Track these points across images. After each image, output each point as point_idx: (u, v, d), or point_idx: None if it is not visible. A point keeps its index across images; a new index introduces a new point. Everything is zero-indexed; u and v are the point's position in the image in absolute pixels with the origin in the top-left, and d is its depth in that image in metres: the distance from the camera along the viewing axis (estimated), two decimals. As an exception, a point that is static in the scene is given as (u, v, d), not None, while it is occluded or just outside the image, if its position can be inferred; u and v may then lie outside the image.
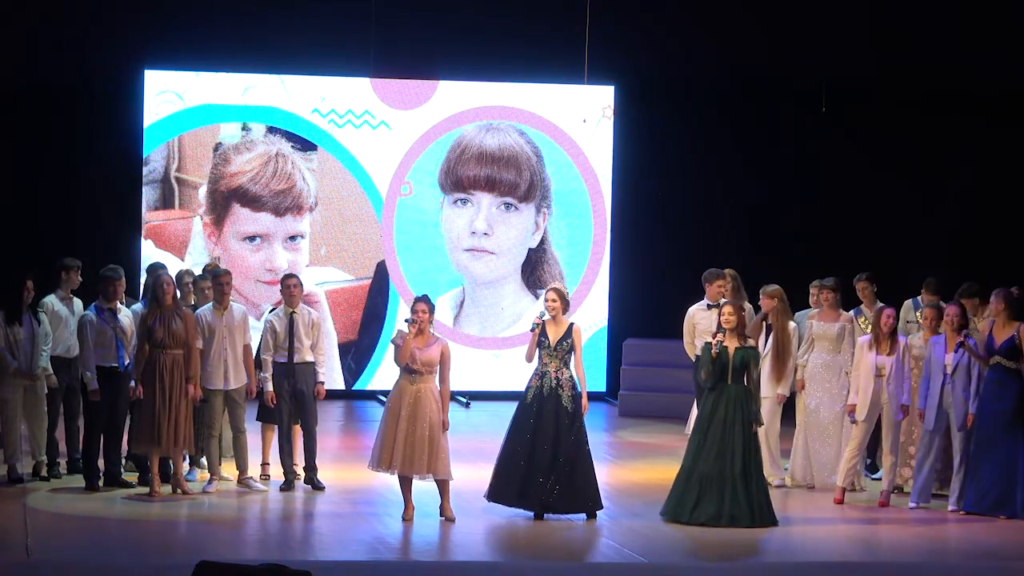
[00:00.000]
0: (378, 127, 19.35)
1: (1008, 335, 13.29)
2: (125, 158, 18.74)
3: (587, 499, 12.75)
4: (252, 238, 19.05)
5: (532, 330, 12.78)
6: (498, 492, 12.78)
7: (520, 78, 19.50)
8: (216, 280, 13.69)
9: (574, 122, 19.61)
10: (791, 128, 19.74)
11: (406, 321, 12.56)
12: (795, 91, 19.52)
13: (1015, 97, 19.48)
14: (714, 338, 12.81)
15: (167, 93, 18.87)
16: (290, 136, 19.12)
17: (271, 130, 19.09)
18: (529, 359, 12.85)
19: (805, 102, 19.36)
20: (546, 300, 12.85)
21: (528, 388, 12.83)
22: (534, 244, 19.63)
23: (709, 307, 14.58)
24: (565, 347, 12.74)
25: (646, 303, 19.63)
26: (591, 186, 19.78)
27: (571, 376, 12.77)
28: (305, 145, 19.17)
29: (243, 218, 19.05)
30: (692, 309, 14.65)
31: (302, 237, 19.20)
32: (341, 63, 19.08)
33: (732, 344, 12.77)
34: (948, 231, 19.55)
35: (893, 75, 19.62)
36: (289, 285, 13.71)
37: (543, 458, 12.63)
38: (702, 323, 14.54)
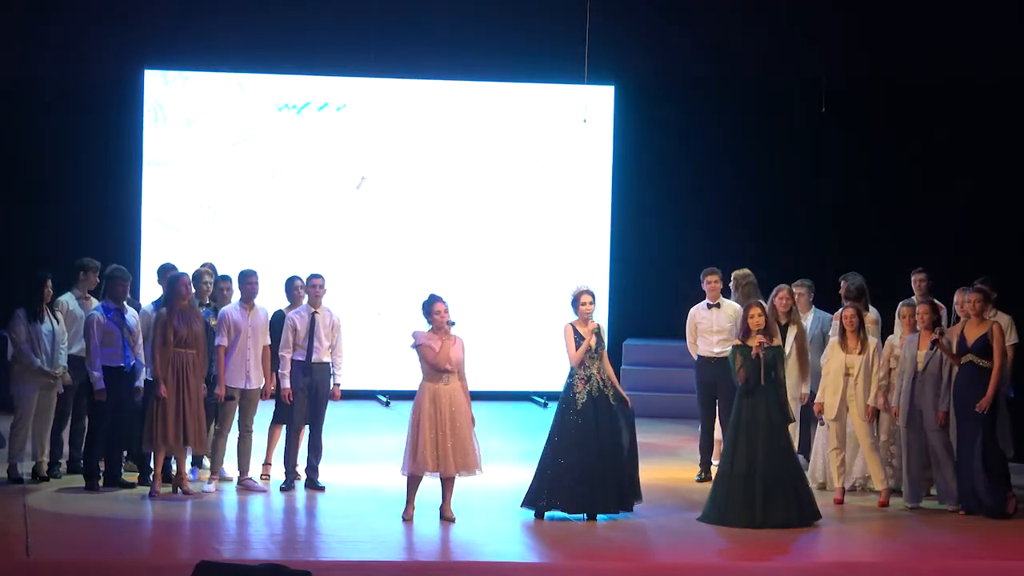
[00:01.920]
0: (377, 126, 19.35)
1: (980, 333, 13.28)
2: (125, 158, 18.74)
3: (635, 492, 12.86)
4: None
5: (596, 333, 12.80)
6: (559, 500, 12.68)
7: (520, 78, 19.51)
8: (245, 279, 13.70)
9: (574, 122, 19.60)
10: (791, 128, 19.73)
11: (449, 324, 12.54)
12: (795, 91, 19.52)
13: (1016, 96, 19.47)
14: (746, 339, 12.82)
15: (178, 108, 18.94)
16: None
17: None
18: (577, 363, 12.82)
19: (805, 102, 19.36)
20: (583, 304, 12.85)
21: (575, 393, 12.77)
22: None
23: (709, 307, 14.64)
24: (601, 347, 12.82)
25: (646, 303, 19.63)
26: (591, 186, 19.78)
27: (609, 376, 12.86)
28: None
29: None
30: (693, 310, 14.74)
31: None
32: (341, 63, 19.08)
33: (754, 345, 12.80)
34: (948, 231, 19.54)
35: (893, 75, 19.62)
36: (315, 285, 13.74)
37: (608, 461, 12.67)
38: (703, 323, 14.62)
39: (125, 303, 13.49)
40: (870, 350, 13.61)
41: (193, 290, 13.58)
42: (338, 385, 13.83)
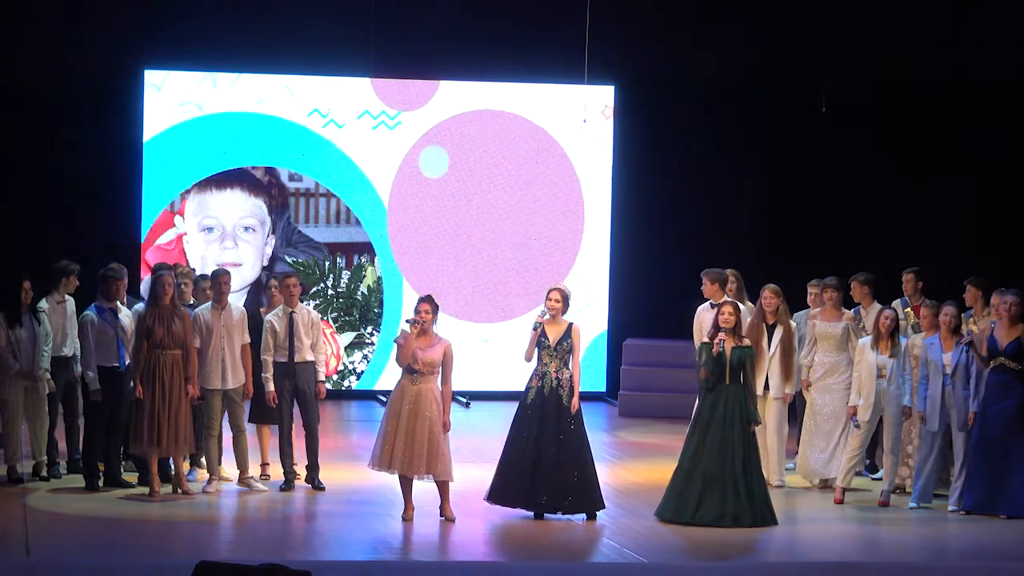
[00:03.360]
0: (378, 127, 19.35)
1: (1014, 336, 13.26)
2: (125, 158, 18.74)
3: (592, 499, 12.77)
4: (247, 229, 19.09)
5: (534, 329, 12.78)
6: (501, 493, 12.75)
7: (520, 78, 19.51)
8: (215, 280, 13.69)
9: (574, 122, 19.60)
10: (791, 128, 19.74)
11: (408, 321, 12.56)
12: (795, 91, 19.53)
13: (1015, 96, 19.48)
14: (714, 338, 12.82)
15: (189, 104, 18.88)
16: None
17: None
18: (528, 359, 12.85)
19: (805, 102, 19.36)
20: (548, 300, 12.83)
21: (528, 388, 12.82)
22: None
23: (713, 306, 14.68)
24: (565, 347, 12.74)
25: (646, 303, 19.62)
26: (591, 186, 19.77)
27: (571, 376, 12.78)
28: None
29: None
30: (699, 309, 14.77)
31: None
32: (341, 63, 19.07)
33: (729, 343, 12.79)
34: (948, 231, 19.55)
35: (893, 75, 19.62)
36: (289, 284, 13.70)
37: (547, 458, 12.62)
38: (707, 322, 14.63)
39: (119, 303, 13.47)
40: (900, 351, 13.58)
41: (175, 291, 13.54)
42: (322, 382, 13.81)
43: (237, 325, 13.60)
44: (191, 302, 13.99)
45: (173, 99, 18.87)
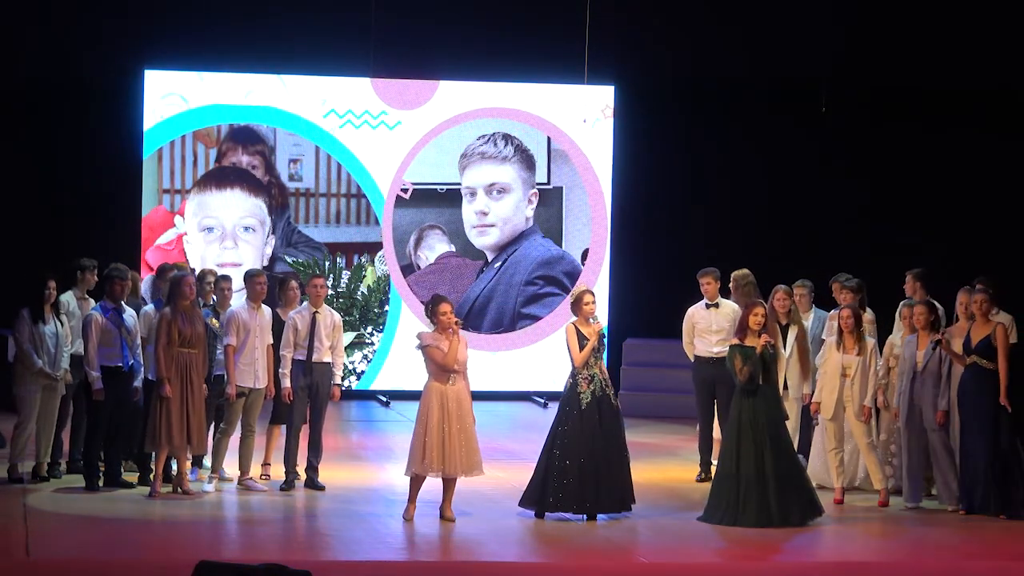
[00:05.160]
0: (378, 127, 19.35)
1: (985, 334, 13.27)
2: (125, 158, 18.74)
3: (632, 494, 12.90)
4: (247, 229, 19.10)
5: (601, 333, 12.81)
6: (555, 500, 12.65)
7: (520, 78, 19.50)
8: (251, 280, 13.74)
9: (574, 122, 19.61)
10: (791, 128, 19.74)
11: (457, 323, 12.55)
12: (795, 91, 19.52)
13: (1012, 97, 19.49)
14: (744, 339, 12.83)
15: (173, 96, 18.85)
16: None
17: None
18: (582, 364, 12.79)
19: (805, 102, 19.36)
20: (588, 304, 12.82)
21: (580, 393, 12.73)
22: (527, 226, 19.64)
23: (707, 307, 14.66)
24: (602, 348, 12.89)
25: (646, 303, 19.63)
26: (591, 186, 19.78)
27: (607, 375, 12.90)
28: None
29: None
30: (691, 310, 14.74)
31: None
32: (341, 63, 19.08)
33: (759, 344, 12.82)
34: (947, 232, 19.55)
35: (892, 75, 19.63)
36: (316, 285, 13.77)
37: (606, 459, 12.67)
38: (701, 323, 14.63)
39: (124, 303, 13.48)
40: (867, 350, 13.61)
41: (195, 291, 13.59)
42: (339, 385, 13.85)
43: (267, 325, 13.68)
44: (211, 303, 14.01)
45: (158, 92, 18.83)
